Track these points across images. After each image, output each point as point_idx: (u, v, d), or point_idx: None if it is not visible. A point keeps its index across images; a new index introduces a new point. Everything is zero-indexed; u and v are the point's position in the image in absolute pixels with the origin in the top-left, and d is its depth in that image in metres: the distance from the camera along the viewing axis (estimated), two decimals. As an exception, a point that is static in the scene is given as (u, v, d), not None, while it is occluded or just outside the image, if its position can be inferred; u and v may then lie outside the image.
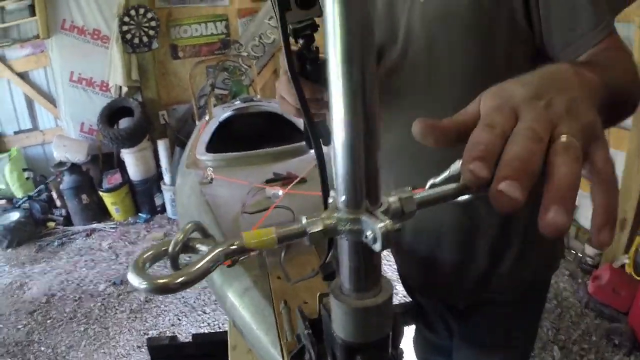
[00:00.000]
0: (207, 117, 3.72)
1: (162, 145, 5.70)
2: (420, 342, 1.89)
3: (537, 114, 0.48)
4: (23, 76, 6.02)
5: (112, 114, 5.73)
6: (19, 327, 3.99)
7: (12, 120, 6.23)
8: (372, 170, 0.45)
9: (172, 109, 6.19)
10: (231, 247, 0.47)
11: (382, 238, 0.43)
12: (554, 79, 0.55)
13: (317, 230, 0.47)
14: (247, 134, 3.43)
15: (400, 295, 3.21)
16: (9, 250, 5.38)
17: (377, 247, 0.44)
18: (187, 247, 0.50)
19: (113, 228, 5.63)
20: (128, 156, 5.75)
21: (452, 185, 0.49)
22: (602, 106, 0.57)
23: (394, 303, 0.55)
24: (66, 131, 6.04)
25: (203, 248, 0.49)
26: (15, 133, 6.27)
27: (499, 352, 1.53)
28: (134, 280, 0.46)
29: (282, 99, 1.10)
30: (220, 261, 0.47)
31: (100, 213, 5.83)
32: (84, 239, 5.47)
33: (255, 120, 3.75)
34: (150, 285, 0.45)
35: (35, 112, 6.24)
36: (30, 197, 5.87)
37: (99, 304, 4.17)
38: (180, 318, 3.87)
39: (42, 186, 5.99)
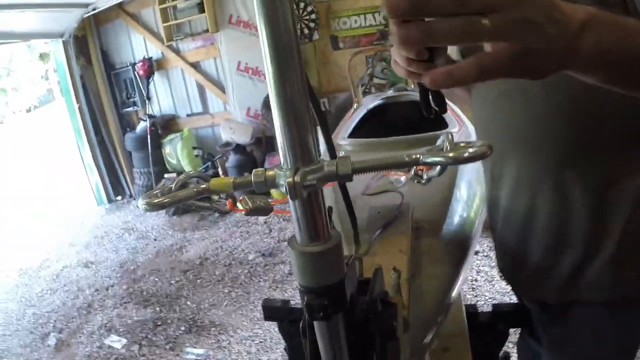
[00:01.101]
0: (355, 105, 3.75)
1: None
2: (523, 348, 1.75)
3: None
4: (195, 66, 6.63)
5: (275, 100, 6.02)
6: (172, 282, 4.37)
7: (185, 104, 6.92)
8: (302, 137, 0.54)
9: (333, 97, 6.36)
10: (202, 187, 0.61)
11: (287, 188, 0.52)
12: None
13: (259, 180, 0.57)
14: (396, 123, 3.41)
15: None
16: (175, 217, 5.94)
17: (289, 197, 0.54)
18: (184, 186, 0.62)
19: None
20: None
21: (396, 155, 0.56)
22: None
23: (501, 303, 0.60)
24: (233, 115, 6.49)
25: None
26: (188, 115, 6.96)
27: None
28: (140, 202, 0.60)
29: (394, 62, 1.11)
30: (192, 197, 0.61)
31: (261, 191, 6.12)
32: (243, 212, 5.77)
33: (405, 110, 3.70)
34: (149, 205, 0.59)
35: (206, 98, 6.83)
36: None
37: (246, 271, 4.42)
38: (316, 293, 3.98)
39: (209, 163, 6.54)
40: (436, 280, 1.24)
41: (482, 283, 3.57)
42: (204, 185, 0.61)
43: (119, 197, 7.30)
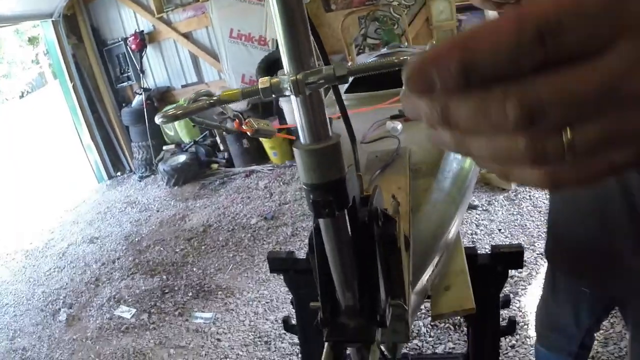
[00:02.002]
0: (349, 64, 3.76)
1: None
2: (543, 315, 1.78)
3: None
4: (187, 36, 6.57)
5: (269, 65, 5.98)
6: (177, 250, 4.41)
7: (179, 75, 6.89)
8: (302, 45, 0.56)
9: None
10: (213, 99, 0.65)
11: (290, 85, 0.55)
12: None
13: (265, 87, 0.59)
14: (389, 80, 3.42)
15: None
16: (176, 187, 5.98)
17: (293, 95, 0.57)
18: (196, 102, 0.65)
19: (270, 170, 5.93)
20: (286, 104, 5.98)
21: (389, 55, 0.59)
22: None
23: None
24: (229, 83, 6.45)
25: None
26: (183, 86, 6.92)
27: None
28: (157, 118, 0.65)
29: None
30: (204, 106, 0.64)
31: (259, 156, 6.18)
32: (243, 179, 5.85)
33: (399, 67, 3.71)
34: (165, 117, 0.64)
35: (200, 67, 6.78)
36: (196, 142, 6.42)
37: (249, 235, 4.45)
38: (320, 252, 4.01)
39: (207, 132, 6.52)
40: (435, 215, 1.28)
41: (482, 236, 3.60)
42: (214, 97, 0.64)
43: (119, 173, 7.31)
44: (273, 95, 0.59)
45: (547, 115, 0.29)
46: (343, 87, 3.03)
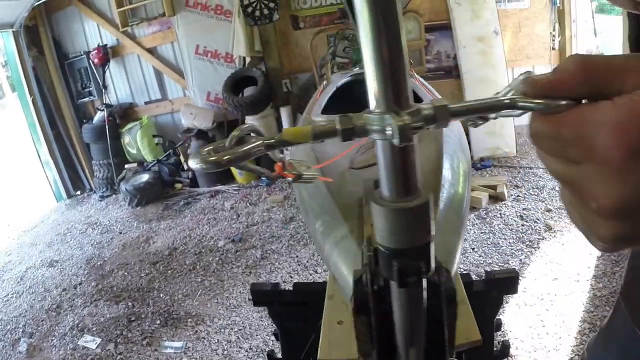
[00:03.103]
0: (325, 82, 3.73)
1: (284, 112, 5.86)
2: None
3: None
4: (152, 51, 6.46)
5: (236, 83, 5.92)
6: (142, 275, 4.25)
7: (143, 91, 6.75)
8: (399, 76, 0.47)
9: (295, 77, 6.29)
10: (271, 140, 0.54)
11: (398, 132, 0.46)
12: None
13: (347, 127, 0.51)
14: (366, 99, 3.39)
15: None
16: (138, 208, 5.79)
17: (395, 141, 0.47)
18: (240, 142, 0.55)
19: (236, 190, 5.83)
20: (254, 122, 5.92)
21: (496, 98, 0.50)
22: None
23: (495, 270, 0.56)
24: (193, 100, 6.35)
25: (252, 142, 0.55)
26: (146, 103, 6.78)
27: None
28: (192, 162, 0.54)
29: None
30: (260, 150, 0.54)
31: (224, 176, 6.07)
32: (208, 199, 5.72)
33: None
34: (204, 162, 0.52)
35: (165, 84, 6.66)
36: (159, 161, 6.25)
37: (217, 258, 4.33)
38: (292, 276, 3.93)
39: (170, 151, 6.37)
40: (442, 247, 1.23)
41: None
42: (274, 138, 0.54)
43: (79, 192, 7.05)
44: (353, 139, 0.52)
45: None
46: (320, 107, 2.98)
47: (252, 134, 0.56)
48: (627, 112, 0.37)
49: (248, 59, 5.97)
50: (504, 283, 1.47)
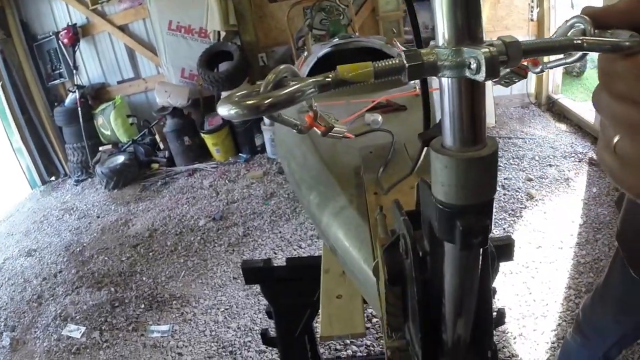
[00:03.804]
0: (305, 54, 3.67)
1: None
2: (587, 309, 1.72)
3: None
4: (123, 29, 6.28)
5: (211, 58, 5.82)
6: (123, 259, 4.17)
7: (115, 70, 6.57)
8: (472, 7, 0.43)
9: (271, 51, 6.21)
10: (326, 79, 0.45)
11: (485, 64, 0.40)
12: None
13: (416, 63, 0.43)
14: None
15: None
16: (115, 190, 5.68)
17: (480, 76, 0.41)
18: (279, 85, 0.46)
19: (214, 168, 5.76)
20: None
21: (563, 38, 0.48)
22: None
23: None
24: (167, 78, 6.22)
25: (294, 83, 0.46)
26: (119, 82, 6.61)
27: None
28: (223, 109, 0.44)
29: None
30: (311, 91, 0.45)
31: (201, 154, 6.00)
32: (186, 178, 5.65)
33: (354, 56, 3.64)
34: (239, 107, 0.43)
35: (137, 62, 6.50)
36: (134, 141, 6.13)
37: (199, 237, 4.27)
38: (276, 252, 3.89)
39: (145, 130, 6.24)
40: None
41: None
42: (328, 77, 0.46)
43: (53, 177, 6.88)
44: (419, 78, 0.45)
45: None
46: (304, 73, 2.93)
47: (289, 77, 0.48)
48: None
49: (223, 34, 5.88)
50: (500, 250, 1.43)
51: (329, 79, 0.45)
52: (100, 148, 6.32)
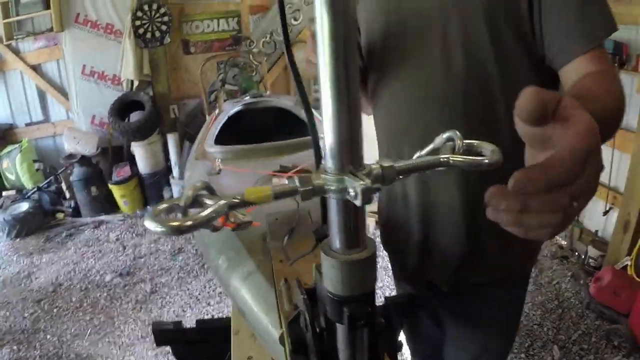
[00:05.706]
0: (217, 111, 3.74)
1: (171, 139, 5.77)
2: (409, 331, 1.94)
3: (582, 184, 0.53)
4: (36, 68, 6.08)
5: (123, 107, 5.77)
6: (25, 315, 4.03)
7: (24, 111, 6.31)
8: (354, 139, 0.53)
9: (183, 104, 6.23)
10: (234, 200, 0.54)
11: (361, 194, 0.50)
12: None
13: (307, 188, 0.54)
14: (256, 129, 3.45)
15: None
16: (18, 240, 5.42)
17: (357, 202, 0.51)
18: (196, 201, 0.56)
19: (121, 220, 5.67)
20: (138, 149, 5.79)
21: (432, 158, 0.59)
22: None
23: (392, 295, 0.64)
24: (77, 124, 6.09)
25: (210, 202, 0.55)
26: (27, 125, 6.34)
27: (485, 336, 1.62)
28: (150, 224, 0.52)
29: (309, 62, 1.34)
30: (224, 212, 0.53)
31: (108, 205, 5.87)
32: (92, 230, 5.51)
33: (264, 116, 3.77)
34: (165, 227, 0.51)
35: (47, 104, 6.30)
36: (39, 188, 5.90)
37: (105, 294, 4.21)
38: (185, 309, 3.91)
39: (51, 178, 6.02)
40: None
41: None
42: (236, 199, 0.55)
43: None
44: (310, 199, 0.55)
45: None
46: (212, 137, 2.99)
47: (205, 193, 0.57)
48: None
49: (136, 83, 5.86)
50: (400, 307, 1.58)
51: (237, 200, 0.54)
52: (4, 193, 6.02)
